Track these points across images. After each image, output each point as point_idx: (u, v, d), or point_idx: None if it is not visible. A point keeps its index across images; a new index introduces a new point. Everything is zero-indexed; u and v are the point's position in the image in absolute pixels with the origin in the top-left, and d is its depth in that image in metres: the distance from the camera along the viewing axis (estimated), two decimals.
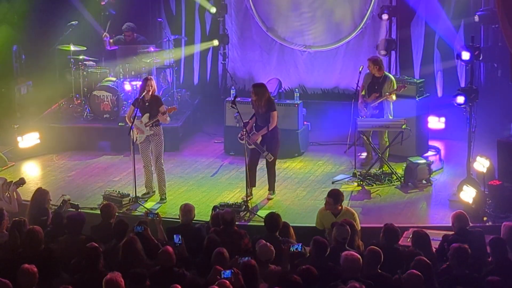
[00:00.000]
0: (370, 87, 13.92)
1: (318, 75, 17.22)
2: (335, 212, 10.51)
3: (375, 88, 13.85)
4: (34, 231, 9.34)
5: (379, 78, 13.85)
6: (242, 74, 17.49)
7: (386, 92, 13.72)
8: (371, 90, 13.88)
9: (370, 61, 13.93)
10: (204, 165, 14.75)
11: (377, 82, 13.87)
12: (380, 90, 13.78)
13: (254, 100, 12.71)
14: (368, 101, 13.83)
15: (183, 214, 10.38)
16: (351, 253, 8.62)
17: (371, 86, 13.91)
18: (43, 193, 11.12)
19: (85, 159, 15.13)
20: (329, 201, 10.57)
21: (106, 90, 15.77)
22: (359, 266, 8.49)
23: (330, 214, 10.53)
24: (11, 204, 11.50)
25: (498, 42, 15.11)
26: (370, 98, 13.82)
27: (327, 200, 10.61)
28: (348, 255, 8.56)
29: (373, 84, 13.90)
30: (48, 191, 11.26)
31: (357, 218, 10.58)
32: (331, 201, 10.55)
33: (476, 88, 12.69)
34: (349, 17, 16.90)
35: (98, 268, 8.71)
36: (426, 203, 12.87)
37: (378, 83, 13.85)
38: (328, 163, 14.68)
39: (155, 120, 12.68)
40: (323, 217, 10.61)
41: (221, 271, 8.32)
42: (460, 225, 9.85)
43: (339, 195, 10.61)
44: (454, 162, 14.15)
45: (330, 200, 10.56)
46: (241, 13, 17.54)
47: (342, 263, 8.53)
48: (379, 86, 13.83)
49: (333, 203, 10.52)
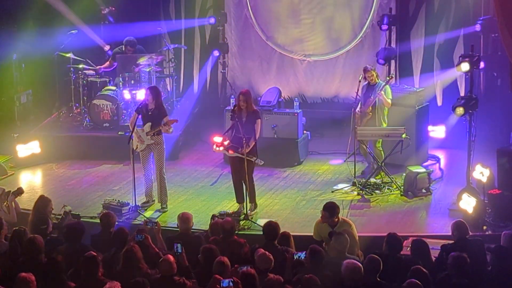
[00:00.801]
0: (365, 96, 13.93)
1: (318, 84, 17.25)
2: (332, 224, 10.37)
3: (369, 95, 13.87)
4: (35, 240, 9.34)
5: (374, 86, 13.89)
6: (241, 83, 17.51)
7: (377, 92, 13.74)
8: (367, 98, 13.90)
9: (371, 71, 13.87)
10: (203, 174, 14.75)
11: (372, 89, 13.89)
12: (374, 94, 13.80)
13: (242, 106, 12.33)
14: (363, 108, 13.83)
15: (181, 223, 10.38)
16: (352, 262, 8.61)
17: (366, 94, 13.93)
18: (45, 200, 11.12)
19: (85, 168, 15.13)
20: (325, 214, 10.39)
21: (106, 99, 15.79)
22: (361, 275, 8.48)
23: (327, 225, 10.38)
24: (9, 214, 11.48)
25: (498, 51, 15.12)
26: (366, 105, 13.82)
27: (322, 213, 10.43)
28: (349, 263, 8.55)
29: (368, 92, 13.92)
30: (50, 199, 11.26)
31: (354, 228, 10.45)
32: (326, 214, 10.37)
33: (476, 97, 12.70)
34: (348, 26, 16.94)
35: (97, 277, 8.70)
36: (425, 212, 12.86)
37: (372, 90, 13.88)
38: (327, 172, 14.67)
39: (156, 130, 12.67)
40: (320, 229, 10.50)
41: (220, 280, 8.31)
42: (460, 234, 9.84)
43: (334, 208, 10.43)
44: (454, 171, 14.13)
45: (326, 213, 10.38)
46: (240, 22, 17.57)
47: (343, 272, 8.51)
48: (372, 93, 13.85)
49: (329, 216, 10.34)
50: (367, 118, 13.86)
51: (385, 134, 13.73)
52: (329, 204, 10.53)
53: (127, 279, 8.50)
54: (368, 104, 13.81)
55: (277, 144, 14.83)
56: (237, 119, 12.22)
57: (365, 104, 13.85)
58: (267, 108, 15.14)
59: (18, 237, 9.68)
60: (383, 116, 13.91)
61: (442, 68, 16.07)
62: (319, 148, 15.80)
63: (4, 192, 11.75)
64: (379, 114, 13.88)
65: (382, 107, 13.85)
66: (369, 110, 13.83)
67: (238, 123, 12.21)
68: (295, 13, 17.08)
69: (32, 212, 11.08)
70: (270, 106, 15.19)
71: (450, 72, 15.41)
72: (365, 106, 13.84)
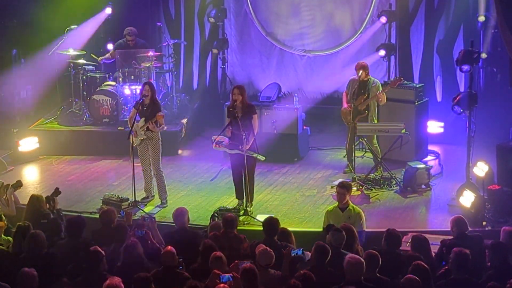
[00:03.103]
0: (357, 91, 13.90)
1: (318, 80, 17.22)
2: (342, 207, 10.76)
3: (362, 92, 13.85)
4: (37, 235, 9.35)
5: (366, 82, 13.88)
6: (241, 78, 17.48)
7: (376, 92, 13.71)
8: (359, 94, 13.88)
9: (361, 68, 13.86)
10: (203, 169, 14.75)
11: (364, 86, 13.88)
12: (367, 92, 13.80)
13: (237, 101, 12.25)
14: (355, 103, 13.82)
15: (176, 218, 10.38)
16: (354, 256, 8.63)
17: (359, 90, 13.89)
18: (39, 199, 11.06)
19: (85, 163, 15.14)
20: (342, 191, 10.82)
21: (105, 95, 15.78)
22: (362, 270, 8.49)
23: (337, 210, 10.78)
24: (8, 207, 11.51)
25: (498, 47, 15.11)
26: (358, 101, 13.82)
27: (339, 191, 10.87)
28: (351, 258, 8.57)
29: (360, 88, 13.89)
30: (41, 196, 11.21)
31: (362, 217, 10.81)
32: (344, 191, 10.82)
33: (476, 93, 12.69)
34: (348, 22, 16.92)
35: (99, 271, 8.73)
36: (425, 208, 12.87)
37: (365, 87, 13.87)
38: (327, 168, 14.67)
39: (146, 126, 12.66)
40: (331, 216, 10.81)
41: (220, 275, 8.32)
42: (459, 229, 9.86)
43: (350, 186, 11.16)
44: (454, 167, 14.13)
45: (343, 190, 10.83)
46: (240, 18, 17.55)
47: (345, 266, 8.53)
48: (365, 89, 13.84)
49: (347, 192, 10.87)
50: (362, 115, 13.82)
51: (384, 130, 13.73)
52: (344, 183, 11.14)
53: (128, 274, 8.51)
54: (364, 103, 13.79)
55: (276, 139, 14.83)
56: (234, 116, 12.19)
57: (361, 103, 13.80)
58: (267, 103, 15.14)
59: (23, 232, 9.68)
60: (375, 114, 13.95)
61: (442, 63, 16.06)
62: (319, 143, 15.80)
63: (3, 186, 11.78)
64: (371, 111, 13.91)
65: (375, 104, 13.89)
66: (363, 108, 13.82)
67: (235, 120, 12.19)
68: (295, 9, 17.05)
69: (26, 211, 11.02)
70: (269, 102, 15.20)
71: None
72: (361, 104, 13.80)
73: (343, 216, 10.69)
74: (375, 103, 13.92)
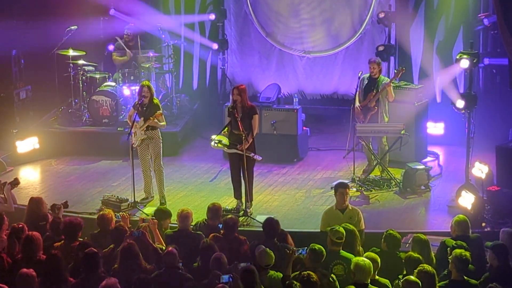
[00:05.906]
0: (366, 89, 13.89)
1: (317, 81, 17.24)
2: (341, 208, 10.70)
3: (371, 89, 13.83)
4: (32, 238, 9.33)
5: (376, 79, 13.86)
6: (241, 79, 17.49)
7: (384, 85, 13.69)
8: (367, 91, 13.86)
9: (374, 63, 13.84)
10: (203, 170, 14.76)
11: (374, 83, 13.86)
12: (376, 89, 13.75)
13: (237, 101, 12.20)
14: (364, 103, 13.79)
15: (180, 221, 10.37)
16: (361, 259, 8.71)
17: (367, 88, 13.88)
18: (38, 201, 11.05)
19: (84, 164, 15.14)
20: (343, 191, 10.78)
21: (105, 95, 15.79)
22: (370, 271, 8.56)
23: (337, 212, 10.71)
24: (6, 204, 11.52)
25: (497, 48, 15.12)
26: (367, 100, 13.80)
27: (340, 191, 10.81)
28: (359, 260, 8.65)
29: (369, 86, 13.88)
30: (41, 198, 11.20)
31: (361, 217, 10.75)
32: (345, 191, 10.79)
33: (475, 94, 12.70)
34: (348, 23, 16.93)
35: (97, 273, 8.72)
36: (424, 209, 12.87)
37: (374, 84, 13.85)
38: (327, 169, 14.68)
39: (146, 124, 12.66)
40: (329, 217, 10.71)
41: (220, 276, 8.33)
42: (460, 231, 9.86)
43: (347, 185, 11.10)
44: (453, 168, 14.14)
45: (345, 190, 10.79)
46: (240, 19, 17.57)
47: (353, 268, 8.62)
48: (374, 86, 13.82)
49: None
50: (372, 112, 13.81)
51: (384, 131, 13.73)
52: (346, 183, 11.13)
53: (125, 276, 8.51)
54: (374, 99, 13.77)
55: (276, 140, 14.83)
56: (234, 115, 12.20)
57: (371, 99, 13.78)
58: (267, 104, 15.14)
59: (16, 234, 9.67)
60: (385, 111, 13.89)
61: (441, 64, 16.07)
62: (318, 144, 15.81)
63: (0, 183, 11.79)
64: (382, 108, 13.84)
65: (385, 101, 13.84)
66: (373, 104, 13.80)
67: (235, 120, 12.19)
68: (295, 10, 17.07)
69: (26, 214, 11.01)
70: (269, 102, 15.20)
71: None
72: (371, 101, 13.78)
73: (344, 218, 10.63)
74: (385, 100, 13.85)
